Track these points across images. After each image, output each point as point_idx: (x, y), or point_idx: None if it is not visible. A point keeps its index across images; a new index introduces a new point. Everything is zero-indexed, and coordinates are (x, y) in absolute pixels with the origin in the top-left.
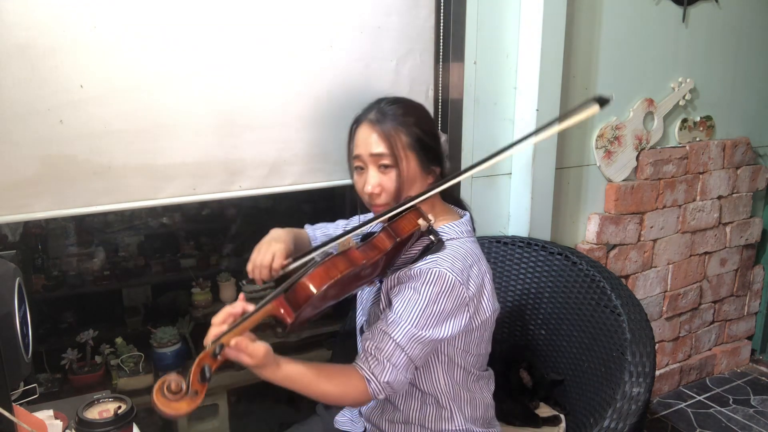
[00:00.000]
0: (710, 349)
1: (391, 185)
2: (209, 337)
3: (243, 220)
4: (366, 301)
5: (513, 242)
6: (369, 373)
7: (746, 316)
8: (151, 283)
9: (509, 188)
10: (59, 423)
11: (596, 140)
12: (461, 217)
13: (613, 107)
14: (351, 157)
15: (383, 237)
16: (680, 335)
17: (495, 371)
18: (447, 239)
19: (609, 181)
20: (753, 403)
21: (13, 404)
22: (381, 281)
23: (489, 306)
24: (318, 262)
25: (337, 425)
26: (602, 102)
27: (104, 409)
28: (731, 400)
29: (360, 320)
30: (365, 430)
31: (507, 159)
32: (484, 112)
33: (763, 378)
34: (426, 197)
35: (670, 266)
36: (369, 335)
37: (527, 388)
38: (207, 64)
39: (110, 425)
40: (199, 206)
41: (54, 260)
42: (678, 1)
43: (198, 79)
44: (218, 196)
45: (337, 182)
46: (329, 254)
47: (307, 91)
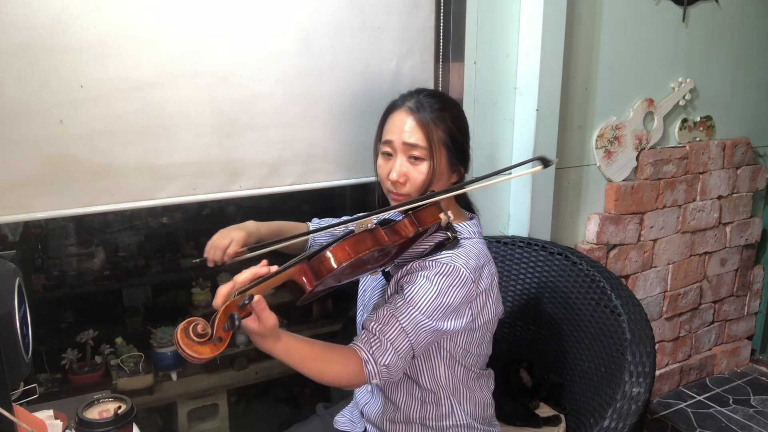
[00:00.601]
0: (710, 349)
1: (419, 177)
2: (231, 289)
3: (243, 221)
4: (368, 298)
5: (513, 242)
6: (368, 354)
7: (746, 316)
8: (151, 283)
9: (509, 188)
10: (59, 423)
11: (596, 140)
12: (471, 219)
13: (613, 107)
14: (379, 141)
15: (406, 223)
16: (680, 335)
17: (495, 371)
18: (462, 238)
19: (609, 181)
20: (753, 403)
21: (13, 404)
22: (385, 274)
23: (493, 308)
24: (345, 236)
25: (337, 425)
26: (546, 163)
27: (104, 409)
28: (731, 400)
29: (360, 317)
30: (365, 431)
31: (507, 159)
32: (484, 112)
33: (763, 378)
34: (452, 194)
35: (670, 266)
36: (373, 317)
37: (527, 388)
38: (207, 64)
39: (110, 425)
40: (199, 206)
41: (54, 260)
42: (678, 1)
43: (198, 79)
44: (218, 196)
45: (337, 182)
46: (351, 231)
47: (307, 91)
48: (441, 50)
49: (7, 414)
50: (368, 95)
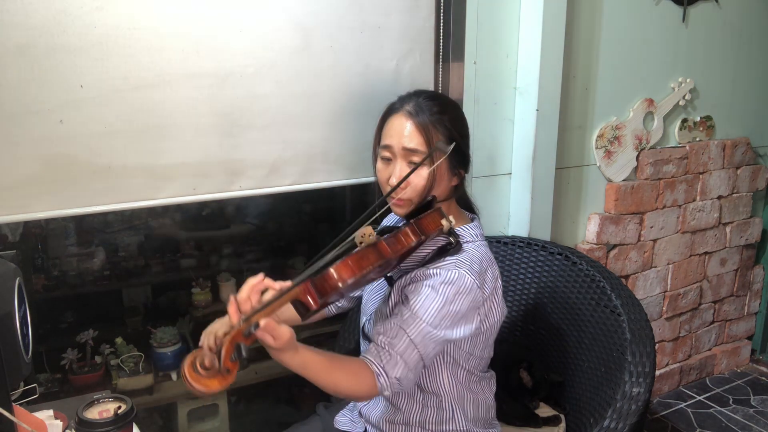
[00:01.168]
0: (710, 349)
1: (419, 182)
2: (235, 314)
3: (243, 220)
4: (369, 302)
5: (513, 242)
6: (380, 368)
7: (746, 316)
8: (151, 283)
9: (509, 188)
10: (59, 423)
11: (596, 140)
12: (471, 221)
13: (613, 107)
14: (378, 145)
15: (408, 232)
16: (680, 335)
17: (495, 371)
18: (464, 242)
19: (609, 181)
20: (753, 403)
21: (13, 404)
22: (388, 279)
23: (498, 311)
24: (348, 250)
25: (337, 425)
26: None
27: (104, 409)
28: (731, 400)
29: (362, 320)
30: (365, 431)
31: (507, 159)
32: (484, 112)
33: (763, 378)
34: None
35: (670, 266)
36: (381, 329)
37: (527, 388)
38: (207, 64)
39: (110, 425)
40: (199, 206)
41: (54, 260)
42: (678, 1)
43: (198, 79)
44: (218, 196)
45: (337, 182)
46: (352, 244)
47: (308, 91)
48: (441, 50)
49: (7, 414)
50: (368, 95)
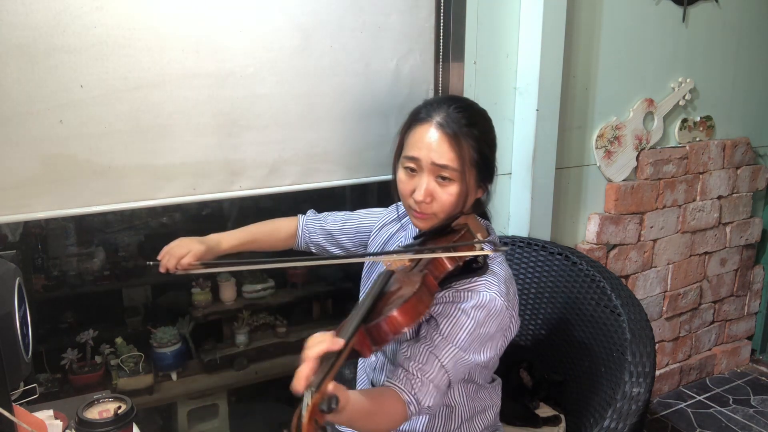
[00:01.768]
0: (710, 349)
1: (448, 199)
2: (306, 379)
3: (243, 221)
4: None
5: (513, 242)
6: (411, 396)
7: (746, 316)
8: (151, 283)
9: (509, 188)
10: (59, 423)
11: (596, 140)
12: (488, 232)
13: (613, 107)
14: (401, 154)
15: (445, 262)
16: (680, 335)
17: (495, 372)
18: (488, 259)
19: (609, 181)
20: (753, 403)
21: (13, 404)
22: None
23: (516, 326)
24: (403, 298)
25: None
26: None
27: (104, 409)
28: (731, 400)
29: None
30: None
31: (507, 159)
32: None
33: (763, 378)
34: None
35: (670, 266)
36: (409, 354)
37: (527, 388)
38: (207, 64)
39: (110, 425)
40: (199, 206)
41: (54, 260)
42: (678, 1)
43: (198, 79)
44: (218, 196)
45: (337, 182)
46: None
47: (308, 91)
48: (441, 50)
49: (7, 414)
50: (368, 95)
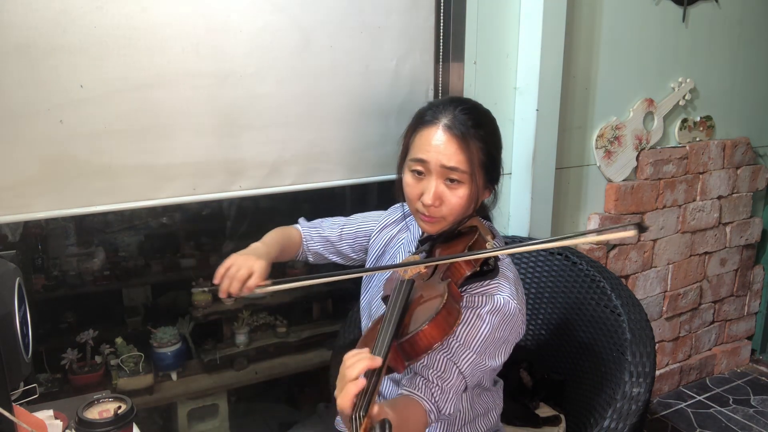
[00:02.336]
0: (710, 349)
1: (458, 202)
2: (355, 398)
3: (243, 220)
4: (372, 303)
5: (513, 242)
6: (431, 405)
7: (746, 316)
8: (151, 283)
9: (509, 188)
10: (59, 423)
11: (596, 140)
12: (493, 233)
13: (613, 107)
14: (408, 156)
15: (462, 264)
16: (680, 335)
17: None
18: (497, 262)
19: (609, 181)
20: (753, 403)
21: (13, 404)
22: None
23: (524, 327)
24: (432, 313)
25: (338, 426)
26: (642, 229)
27: (104, 409)
28: (731, 400)
29: (363, 321)
30: None
31: (507, 159)
32: None
33: (763, 378)
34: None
35: (670, 266)
36: (426, 362)
37: (527, 388)
38: (207, 64)
39: (110, 425)
40: (199, 206)
41: (54, 260)
42: (678, 1)
43: (198, 79)
44: (218, 196)
45: (337, 182)
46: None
47: (307, 91)
48: (441, 50)
49: (7, 414)
50: (368, 95)
